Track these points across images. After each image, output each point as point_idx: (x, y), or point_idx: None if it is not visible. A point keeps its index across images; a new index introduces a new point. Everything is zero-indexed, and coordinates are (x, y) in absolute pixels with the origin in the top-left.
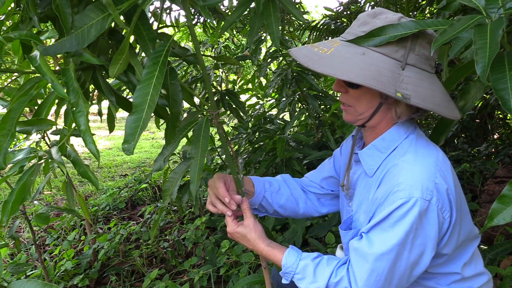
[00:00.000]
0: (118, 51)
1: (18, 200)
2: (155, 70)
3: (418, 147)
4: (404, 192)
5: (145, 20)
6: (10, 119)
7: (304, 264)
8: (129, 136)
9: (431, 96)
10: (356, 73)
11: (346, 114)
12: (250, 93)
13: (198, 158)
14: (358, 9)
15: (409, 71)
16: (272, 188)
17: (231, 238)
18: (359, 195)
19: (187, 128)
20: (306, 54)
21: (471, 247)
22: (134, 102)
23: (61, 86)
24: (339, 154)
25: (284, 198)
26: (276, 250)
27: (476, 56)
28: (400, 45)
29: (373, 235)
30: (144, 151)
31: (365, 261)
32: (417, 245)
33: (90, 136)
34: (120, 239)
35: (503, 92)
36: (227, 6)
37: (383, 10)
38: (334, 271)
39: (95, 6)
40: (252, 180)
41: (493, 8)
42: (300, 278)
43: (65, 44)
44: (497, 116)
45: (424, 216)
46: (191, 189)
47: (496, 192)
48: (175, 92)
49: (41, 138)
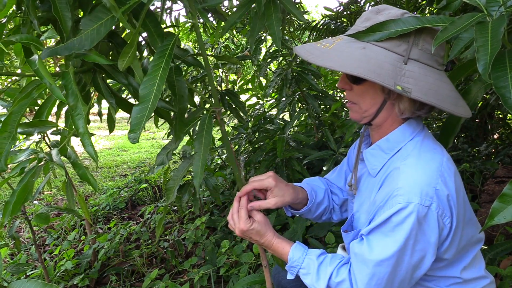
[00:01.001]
0: (128, 44)
1: (19, 201)
2: (162, 63)
3: (422, 150)
4: (403, 197)
5: (153, 17)
6: (11, 122)
7: (309, 260)
8: (134, 126)
9: (434, 91)
10: (355, 66)
11: (352, 112)
12: (250, 93)
13: (201, 153)
14: (358, 9)
15: (412, 66)
16: (317, 200)
17: (241, 236)
18: (361, 194)
19: (190, 124)
20: (308, 49)
21: (473, 251)
22: (141, 94)
23: (59, 89)
24: (352, 152)
25: (322, 207)
26: (285, 242)
27: (477, 54)
28: (403, 39)
29: (373, 239)
30: (144, 151)
31: (366, 266)
32: (417, 250)
33: (89, 139)
34: (120, 239)
35: (504, 90)
36: (227, 6)
37: (386, 6)
38: (335, 270)
39: (103, 7)
40: (307, 193)
41: (494, 6)
42: (305, 273)
43: (74, 44)
44: (497, 116)
45: (424, 222)
46: (194, 183)
47: (496, 192)
48: (182, 88)
49: (41, 138)
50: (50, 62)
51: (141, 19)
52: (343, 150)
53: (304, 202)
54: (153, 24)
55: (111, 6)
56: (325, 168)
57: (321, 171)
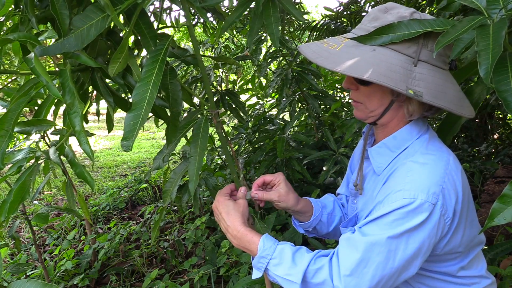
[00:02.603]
0: (117, 49)
1: (16, 200)
2: (154, 68)
3: (430, 149)
4: (409, 193)
5: (146, 19)
6: (8, 120)
7: (281, 248)
8: (128, 133)
9: (443, 93)
10: (367, 70)
11: (356, 111)
12: (250, 93)
13: (197, 157)
14: (358, 9)
15: (421, 68)
16: (328, 210)
17: (213, 207)
18: (365, 192)
19: (186, 127)
20: (315, 50)
21: (473, 252)
22: (133, 100)
23: (55, 87)
24: (354, 153)
25: (337, 219)
26: (254, 233)
27: (479, 58)
28: (413, 41)
29: (368, 229)
30: (144, 151)
31: (355, 250)
32: (411, 248)
33: (85, 137)
34: (120, 239)
35: (506, 93)
36: (227, 6)
37: (395, 5)
38: (313, 259)
39: (95, 7)
40: (311, 202)
41: (494, 9)
42: (277, 263)
43: (64, 44)
44: (497, 116)
45: (427, 220)
46: (189, 187)
47: (496, 192)
48: (175, 92)
49: (41, 138)
50: (50, 62)
51: (134, 19)
52: (343, 150)
53: (310, 213)
54: (147, 25)
55: (105, 4)
56: (325, 168)
57: (321, 171)
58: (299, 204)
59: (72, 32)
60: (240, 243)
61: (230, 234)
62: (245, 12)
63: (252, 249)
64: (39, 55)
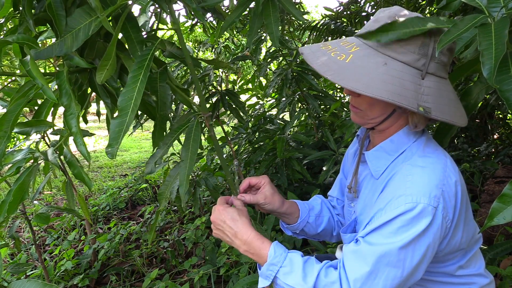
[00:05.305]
0: (104, 56)
1: (16, 200)
2: (140, 75)
3: (427, 152)
4: (411, 197)
5: (134, 22)
6: (7, 121)
7: (292, 256)
8: (112, 140)
9: (448, 106)
10: (380, 88)
11: (355, 115)
12: (250, 93)
13: (187, 161)
14: (358, 9)
15: (428, 81)
16: (315, 212)
17: (213, 219)
18: (364, 197)
19: (178, 131)
20: (323, 62)
21: (471, 251)
22: (119, 106)
23: (51, 90)
24: (346, 156)
25: (325, 220)
26: (264, 239)
27: (482, 58)
28: (422, 53)
29: (373, 239)
30: (144, 151)
31: (364, 263)
32: (418, 254)
33: (81, 138)
34: (120, 239)
35: (508, 93)
36: (227, 6)
37: (401, 9)
38: (323, 269)
39: (82, 10)
40: (297, 203)
41: (495, 7)
42: (288, 272)
43: (55, 48)
44: (497, 116)
45: (430, 224)
46: (180, 192)
47: (496, 192)
48: (164, 95)
49: (41, 138)
50: (49, 63)
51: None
52: (343, 150)
53: (297, 215)
54: (134, 29)
55: (96, 6)
56: (325, 168)
57: (321, 171)
58: (284, 206)
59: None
60: (249, 249)
61: (239, 239)
62: (245, 12)
63: (262, 255)
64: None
